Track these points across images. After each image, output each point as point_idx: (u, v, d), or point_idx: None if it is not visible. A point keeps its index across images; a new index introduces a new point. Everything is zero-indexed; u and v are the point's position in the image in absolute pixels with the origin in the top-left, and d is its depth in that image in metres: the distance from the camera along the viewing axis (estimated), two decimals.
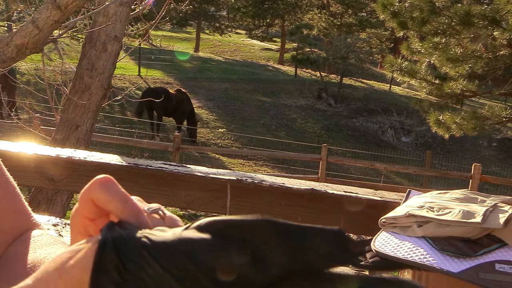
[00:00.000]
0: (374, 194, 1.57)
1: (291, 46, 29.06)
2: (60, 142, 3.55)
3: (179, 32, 32.77)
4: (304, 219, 1.62)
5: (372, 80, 23.45)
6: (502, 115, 7.95)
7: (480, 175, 8.74)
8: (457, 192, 1.38)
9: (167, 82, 17.85)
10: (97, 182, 0.39)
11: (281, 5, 28.26)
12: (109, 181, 0.39)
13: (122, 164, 1.66)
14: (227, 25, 31.38)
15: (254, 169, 12.00)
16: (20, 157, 1.66)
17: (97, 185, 0.39)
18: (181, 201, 1.63)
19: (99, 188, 0.38)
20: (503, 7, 6.78)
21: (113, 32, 3.64)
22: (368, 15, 27.71)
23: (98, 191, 0.38)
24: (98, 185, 0.39)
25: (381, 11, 8.20)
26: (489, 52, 7.69)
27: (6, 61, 2.67)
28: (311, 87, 19.58)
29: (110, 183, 0.39)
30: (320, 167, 9.68)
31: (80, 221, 0.40)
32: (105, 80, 3.70)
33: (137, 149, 10.47)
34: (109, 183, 0.39)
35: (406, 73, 8.52)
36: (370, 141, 16.04)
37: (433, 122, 8.34)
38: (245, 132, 14.46)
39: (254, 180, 1.58)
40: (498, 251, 1.14)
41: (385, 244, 1.23)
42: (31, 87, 7.57)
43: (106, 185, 0.38)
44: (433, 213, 1.26)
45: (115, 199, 0.38)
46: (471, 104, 18.12)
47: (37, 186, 3.18)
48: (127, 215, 0.37)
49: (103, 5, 3.32)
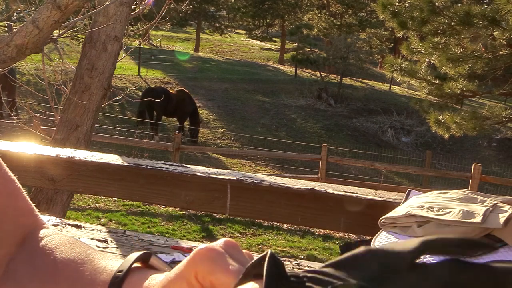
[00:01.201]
0: (374, 194, 1.57)
1: (291, 46, 29.06)
2: (60, 142, 3.55)
3: (179, 32, 32.77)
4: (304, 219, 1.62)
5: (372, 80, 23.45)
6: (502, 115, 7.95)
7: (480, 175, 8.74)
8: (457, 192, 1.38)
9: (167, 82, 17.85)
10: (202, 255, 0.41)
11: (281, 5, 28.25)
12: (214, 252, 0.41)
13: (122, 164, 1.66)
14: (227, 25, 31.38)
15: (254, 169, 12.00)
16: (20, 157, 1.66)
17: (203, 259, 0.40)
18: (181, 201, 1.63)
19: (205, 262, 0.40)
20: (503, 7, 6.78)
21: (113, 32, 3.64)
22: (368, 15, 27.70)
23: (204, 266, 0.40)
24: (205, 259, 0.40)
25: (381, 11, 8.20)
26: (489, 52, 7.69)
27: (6, 61, 2.67)
28: (311, 87, 19.58)
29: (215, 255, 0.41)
30: (320, 167, 9.68)
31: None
32: (105, 80, 3.70)
33: (137, 149, 10.47)
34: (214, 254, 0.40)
35: (406, 73, 8.52)
36: (370, 141, 16.04)
37: (433, 122, 8.34)
38: (245, 132, 14.46)
39: (254, 180, 1.58)
40: (498, 251, 1.13)
41: (385, 244, 1.23)
42: (31, 87, 7.57)
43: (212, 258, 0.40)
44: (433, 213, 1.26)
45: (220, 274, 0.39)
46: (471, 104, 18.12)
47: (37, 186, 3.18)
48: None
49: (103, 5, 3.32)
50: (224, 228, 7.33)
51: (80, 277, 0.51)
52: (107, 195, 4.44)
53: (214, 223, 7.48)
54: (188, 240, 3.68)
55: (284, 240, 7.18)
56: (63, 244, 0.56)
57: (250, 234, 7.29)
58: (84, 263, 0.53)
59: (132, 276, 0.48)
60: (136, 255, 0.51)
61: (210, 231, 7.20)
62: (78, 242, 0.57)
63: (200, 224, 7.39)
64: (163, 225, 7.23)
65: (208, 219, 7.54)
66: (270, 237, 7.22)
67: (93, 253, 0.54)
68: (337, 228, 1.65)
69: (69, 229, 1.81)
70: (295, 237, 7.31)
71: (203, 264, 0.40)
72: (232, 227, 7.38)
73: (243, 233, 7.26)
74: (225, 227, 7.37)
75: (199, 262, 0.40)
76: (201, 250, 0.40)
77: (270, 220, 4.67)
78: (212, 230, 7.23)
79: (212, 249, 0.40)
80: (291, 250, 6.84)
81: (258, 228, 7.46)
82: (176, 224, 7.31)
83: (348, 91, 19.95)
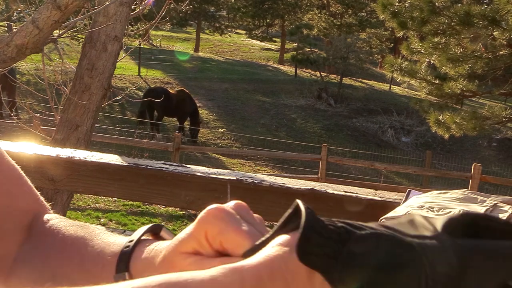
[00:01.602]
0: (374, 194, 1.57)
1: (291, 46, 29.07)
2: (60, 142, 3.55)
3: (179, 32, 32.77)
4: None
5: (372, 80, 23.45)
6: (502, 115, 7.95)
7: (480, 175, 8.74)
8: (457, 192, 1.38)
9: (167, 82, 17.85)
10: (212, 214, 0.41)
11: (281, 5, 28.26)
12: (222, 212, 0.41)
13: (122, 164, 1.66)
14: (227, 25, 31.39)
15: (254, 169, 12.00)
16: (20, 157, 1.66)
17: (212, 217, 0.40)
18: (181, 201, 1.63)
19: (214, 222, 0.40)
20: (503, 7, 6.78)
21: (113, 32, 3.64)
22: (368, 15, 27.71)
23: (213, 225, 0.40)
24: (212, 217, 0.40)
25: (381, 11, 8.20)
26: (489, 52, 7.69)
27: (6, 61, 2.67)
28: (311, 87, 19.58)
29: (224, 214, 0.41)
30: (320, 167, 9.68)
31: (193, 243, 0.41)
32: (105, 80, 3.70)
33: (137, 149, 10.48)
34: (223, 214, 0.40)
35: (406, 73, 8.52)
36: (370, 141, 16.04)
37: (433, 122, 8.34)
38: (245, 132, 14.46)
39: (254, 180, 1.58)
40: None
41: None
42: (31, 87, 7.57)
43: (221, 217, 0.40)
44: (433, 213, 1.26)
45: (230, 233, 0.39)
46: (471, 104, 18.12)
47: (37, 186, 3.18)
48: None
49: (103, 5, 3.32)
50: None
51: (90, 251, 0.51)
52: (107, 195, 4.44)
53: None
54: None
55: None
56: (71, 225, 0.57)
57: None
58: (93, 239, 0.53)
59: (142, 245, 0.48)
60: (147, 227, 0.51)
61: None
62: (84, 224, 0.57)
63: None
64: (163, 225, 7.22)
65: None
66: None
67: (101, 231, 0.55)
68: None
69: None
70: None
71: (213, 223, 0.39)
72: None
73: None
74: None
75: (209, 221, 0.39)
76: (211, 210, 0.40)
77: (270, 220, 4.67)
78: None
79: (222, 209, 0.40)
80: None
81: None
82: (176, 224, 7.31)
83: (348, 91, 19.95)
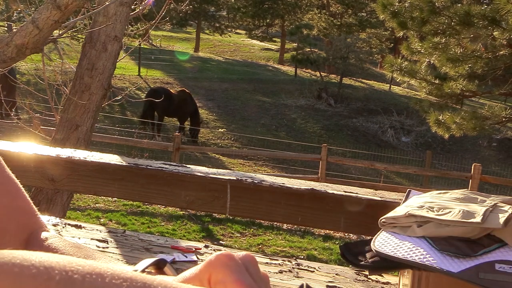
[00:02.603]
0: (374, 194, 1.58)
1: (291, 46, 29.06)
2: (60, 142, 3.55)
3: (179, 32, 32.77)
4: (304, 219, 1.62)
5: (372, 80, 23.45)
6: (502, 115, 7.94)
7: (480, 175, 8.75)
8: (457, 192, 1.38)
9: (167, 82, 17.86)
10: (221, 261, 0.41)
11: (281, 5, 28.25)
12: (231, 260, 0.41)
13: (122, 164, 1.66)
14: (227, 25, 31.37)
15: (254, 169, 12.00)
16: (20, 157, 1.66)
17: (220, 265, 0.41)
18: (181, 201, 1.64)
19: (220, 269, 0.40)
20: (503, 7, 6.77)
21: (113, 32, 3.64)
22: (368, 15, 27.70)
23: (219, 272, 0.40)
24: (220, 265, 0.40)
25: (381, 11, 8.20)
26: (489, 52, 7.68)
27: (6, 61, 2.67)
28: (311, 87, 19.58)
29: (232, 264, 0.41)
30: (320, 167, 9.68)
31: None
32: (105, 80, 3.70)
33: (137, 149, 10.48)
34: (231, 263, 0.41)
35: (406, 73, 8.52)
36: (370, 141, 16.04)
37: (433, 122, 8.34)
38: (245, 132, 14.46)
39: (254, 180, 1.58)
40: (498, 251, 1.14)
41: (385, 244, 1.23)
42: (31, 87, 7.57)
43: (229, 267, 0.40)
44: (433, 213, 1.26)
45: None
46: (471, 104, 18.12)
47: (37, 186, 3.18)
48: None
49: (103, 5, 3.32)
50: (224, 228, 7.33)
51: None
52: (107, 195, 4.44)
53: (214, 223, 7.47)
54: (188, 240, 3.68)
55: (284, 240, 7.18)
56: (69, 245, 0.57)
57: (250, 234, 7.29)
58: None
59: None
60: (152, 260, 0.51)
61: (210, 231, 7.20)
62: (82, 246, 0.57)
63: (200, 224, 7.39)
64: (163, 225, 7.23)
65: (208, 219, 7.54)
66: (270, 237, 7.22)
67: (101, 257, 0.55)
68: (337, 228, 1.66)
69: (69, 229, 1.81)
70: (295, 237, 7.31)
71: (218, 269, 0.40)
72: (232, 227, 7.38)
73: (243, 233, 7.26)
74: (225, 227, 7.37)
75: (216, 267, 0.40)
76: (220, 256, 0.41)
77: (270, 220, 4.67)
78: (212, 230, 7.23)
79: (231, 258, 0.41)
80: (291, 250, 6.84)
81: (258, 228, 7.46)
82: (176, 224, 7.31)
83: (348, 91, 19.95)
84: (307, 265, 1.96)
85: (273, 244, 6.98)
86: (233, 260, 0.41)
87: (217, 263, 0.40)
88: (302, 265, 1.95)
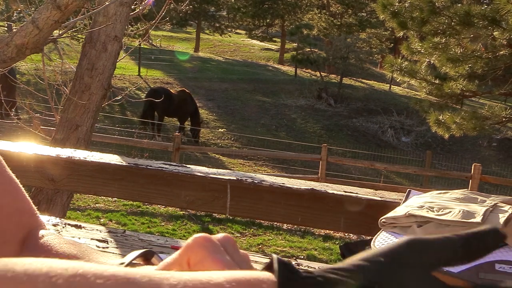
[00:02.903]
0: (374, 194, 1.57)
1: (291, 46, 29.06)
2: (60, 142, 3.55)
3: (179, 32, 32.76)
4: (304, 219, 1.62)
5: (372, 80, 23.44)
6: (502, 115, 7.95)
7: (480, 175, 8.74)
8: (457, 192, 1.38)
9: (167, 82, 17.86)
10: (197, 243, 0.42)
11: (281, 5, 28.25)
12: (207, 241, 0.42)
13: (122, 164, 1.66)
14: (227, 25, 31.36)
15: (254, 169, 12.00)
16: (20, 157, 1.66)
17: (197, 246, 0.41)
18: (181, 201, 1.63)
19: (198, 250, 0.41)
20: (503, 7, 6.78)
21: (113, 32, 3.64)
22: (368, 15, 27.70)
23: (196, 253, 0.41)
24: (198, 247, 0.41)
25: (381, 11, 8.20)
26: (489, 52, 7.68)
27: (6, 61, 2.67)
28: (311, 87, 19.58)
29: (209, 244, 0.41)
30: (320, 167, 9.68)
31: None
32: (105, 80, 3.70)
33: (137, 149, 10.48)
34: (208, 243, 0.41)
35: (406, 73, 8.52)
36: (370, 141, 16.04)
37: (433, 122, 8.34)
38: (245, 132, 14.46)
39: (254, 180, 1.58)
40: (498, 251, 1.13)
41: (385, 244, 1.23)
42: (31, 87, 7.56)
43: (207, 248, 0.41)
44: (433, 213, 1.26)
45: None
46: (471, 104, 18.11)
47: (37, 186, 3.18)
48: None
49: (103, 5, 3.32)
50: (224, 228, 7.33)
51: None
52: (107, 195, 4.44)
53: (214, 223, 7.48)
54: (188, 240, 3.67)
55: (284, 240, 7.18)
56: (65, 242, 0.58)
57: (250, 234, 7.29)
58: (85, 258, 0.54)
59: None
60: (139, 252, 0.52)
61: (210, 231, 7.20)
62: (77, 243, 0.59)
63: (200, 224, 7.39)
64: (163, 225, 7.23)
65: (208, 219, 7.54)
66: (270, 237, 7.22)
67: (93, 251, 0.56)
68: (337, 228, 1.66)
69: (69, 229, 1.81)
70: (295, 237, 7.31)
71: (196, 250, 0.41)
72: (232, 227, 7.38)
73: (243, 233, 7.27)
74: (225, 227, 7.37)
75: (194, 249, 0.41)
76: (197, 238, 0.42)
77: (270, 220, 4.67)
78: (212, 230, 7.23)
79: (208, 239, 0.42)
80: (291, 250, 6.84)
81: (258, 228, 7.46)
82: (176, 224, 7.31)
83: (348, 91, 19.95)
84: (307, 265, 1.96)
85: (273, 244, 6.98)
86: (210, 241, 0.42)
87: (195, 245, 0.41)
88: (302, 265, 1.94)
